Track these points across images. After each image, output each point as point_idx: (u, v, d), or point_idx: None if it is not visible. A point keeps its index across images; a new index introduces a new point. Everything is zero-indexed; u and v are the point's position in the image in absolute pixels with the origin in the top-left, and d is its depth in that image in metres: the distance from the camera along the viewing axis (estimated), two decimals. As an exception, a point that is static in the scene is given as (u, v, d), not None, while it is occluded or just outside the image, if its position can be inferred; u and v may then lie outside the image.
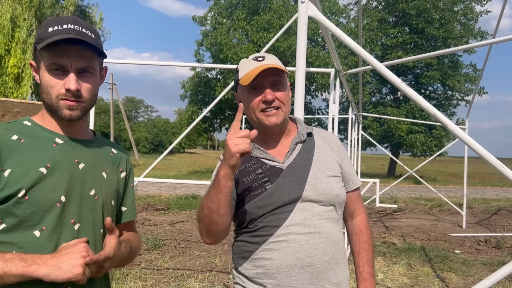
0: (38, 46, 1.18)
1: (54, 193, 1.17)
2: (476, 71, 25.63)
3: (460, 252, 6.96)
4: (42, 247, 1.15)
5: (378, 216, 10.88)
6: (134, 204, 1.50)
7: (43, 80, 1.21)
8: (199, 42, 23.88)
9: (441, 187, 19.38)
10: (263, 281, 1.47)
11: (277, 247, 1.44)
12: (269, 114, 1.46)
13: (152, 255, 6.01)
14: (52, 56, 1.18)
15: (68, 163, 1.22)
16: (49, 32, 1.18)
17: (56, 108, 1.21)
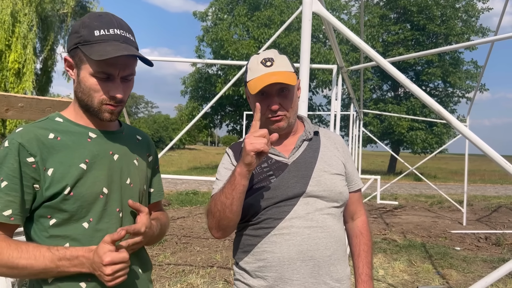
0: (87, 51, 1.19)
1: (96, 186, 1.24)
2: (477, 68, 25.58)
3: (461, 249, 6.97)
4: (92, 237, 1.23)
5: (379, 212, 10.89)
6: (161, 184, 1.57)
7: (87, 82, 1.23)
8: (200, 38, 23.85)
9: (441, 184, 19.39)
10: (264, 274, 1.47)
11: (279, 240, 1.45)
12: (274, 119, 1.50)
13: (153, 250, 6.02)
14: (101, 65, 1.21)
15: (104, 156, 1.28)
16: (96, 36, 1.20)
17: (97, 111, 1.26)
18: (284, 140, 1.58)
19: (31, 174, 1.17)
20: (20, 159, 1.16)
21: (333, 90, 4.01)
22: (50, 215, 1.20)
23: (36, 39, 20.41)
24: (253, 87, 1.46)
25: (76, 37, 1.22)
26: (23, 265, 1.13)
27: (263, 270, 1.48)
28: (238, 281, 1.57)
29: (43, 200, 1.19)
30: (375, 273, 5.40)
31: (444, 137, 24.76)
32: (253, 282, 1.50)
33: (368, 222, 1.70)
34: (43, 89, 23.19)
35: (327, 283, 1.47)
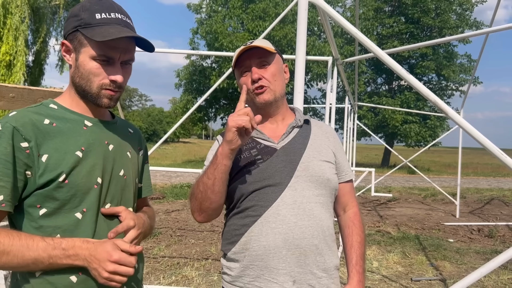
0: (88, 33, 1.17)
1: (91, 176, 1.21)
2: (471, 61, 25.68)
3: (454, 241, 7.02)
4: (85, 228, 1.19)
5: (373, 205, 10.94)
6: (150, 180, 1.54)
7: (86, 66, 1.20)
8: (194, 30, 23.68)
9: (434, 177, 19.51)
10: (251, 263, 1.44)
11: (265, 228, 1.42)
12: (259, 92, 1.49)
13: (148, 243, 6.01)
14: (102, 48, 1.19)
15: (99, 145, 1.25)
16: (98, 19, 1.19)
17: (96, 96, 1.23)
18: (275, 127, 1.57)
19: (24, 160, 1.13)
20: (14, 144, 1.12)
21: (328, 82, 3.99)
22: (40, 205, 1.16)
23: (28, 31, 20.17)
24: (234, 62, 1.51)
25: (76, 20, 1.20)
26: (14, 253, 1.07)
27: (249, 260, 1.45)
28: (225, 275, 1.54)
29: (35, 188, 1.15)
30: (369, 265, 5.43)
31: (438, 130, 24.88)
32: (239, 273, 1.47)
33: (360, 214, 1.67)
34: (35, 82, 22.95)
35: (314, 273, 1.45)
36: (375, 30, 25.30)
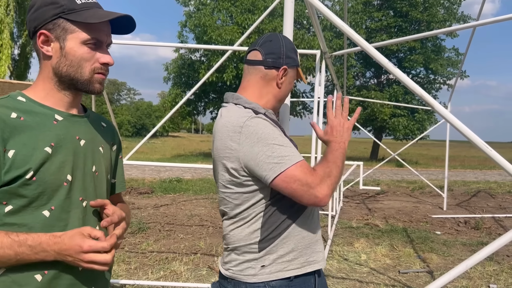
0: (77, 18, 1.15)
1: (61, 173, 1.16)
2: (458, 55, 25.90)
3: (441, 233, 7.10)
4: (52, 227, 1.14)
5: (361, 198, 11.02)
6: (124, 175, 1.50)
7: (77, 52, 1.17)
8: (182, 23, 23.49)
9: (422, 170, 19.70)
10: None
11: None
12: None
13: (136, 238, 5.97)
14: (92, 31, 1.17)
15: (70, 141, 1.20)
16: (79, 4, 1.17)
17: (87, 82, 1.20)
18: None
19: None
20: None
21: (316, 75, 3.98)
22: (6, 201, 1.10)
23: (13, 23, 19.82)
24: (303, 77, 1.71)
25: (55, 8, 1.15)
26: None
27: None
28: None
29: (1, 185, 1.09)
30: (357, 258, 5.47)
31: (426, 124, 25.10)
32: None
33: None
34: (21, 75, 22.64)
35: None
36: (363, 23, 25.36)
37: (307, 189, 1.40)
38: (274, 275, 1.48)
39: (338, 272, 4.89)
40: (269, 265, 1.48)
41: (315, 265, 1.54)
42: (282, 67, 1.59)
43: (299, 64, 1.66)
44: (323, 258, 1.60)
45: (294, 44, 1.68)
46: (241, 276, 1.50)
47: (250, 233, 1.50)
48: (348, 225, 7.41)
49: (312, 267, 1.53)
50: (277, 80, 1.60)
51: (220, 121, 1.54)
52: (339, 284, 4.50)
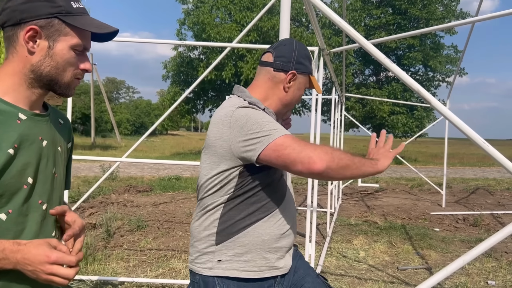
0: (76, 23, 1.14)
1: (22, 175, 1.11)
2: (457, 52, 25.90)
3: (439, 230, 7.11)
4: (8, 230, 1.09)
5: (360, 195, 11.03)
6: (71, 174, 1.46)
7: (65, 56, 1.15)
8: (181, 21, 23.44)
9: (421, 168, 19.73)
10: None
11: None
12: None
13: (135, 236, 5.98)
14: (83, 38, 1.18)
15: (33, 142, 1.15)
16: (75, 8, 1.16)
17: (66, 86, 1.19)
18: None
19: None
20: None
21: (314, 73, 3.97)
22: None
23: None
24: (317, 87, 1.73)
25: (52, 7, 1.12)
26: None
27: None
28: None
29: None
30: (356, 255, 5.48)
31: (425, 121, 25.10)
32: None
33: None
34: None
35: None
36: (362, 21, 25.33)
37: (300, 150, 1.36)
38: (229, 272, 1.47)
39: (336, 269, 4.90)
40: (225, 261, 1.48)
41: (274, 271, 1.52)
42: (290, 71, 1.59)
43: (311, 72, 1.66)
44: (285, 265, 1.56)
45: (309, 52, 1.67)
46: (198, 267, 1.52)
47: (209, 223, 1.51)
48: (347, 222, 7.42)
49: (271, 272, 1.51)
50: (284, 83, 1.60)
51: (218, 109, 1.57)
52: (337, 281, 4.50)
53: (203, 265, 1.51)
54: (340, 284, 4.40)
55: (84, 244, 4.69)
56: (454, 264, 1.78)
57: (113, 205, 8.11)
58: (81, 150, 23.12)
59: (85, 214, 7.11)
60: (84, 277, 4.14)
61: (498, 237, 1.72)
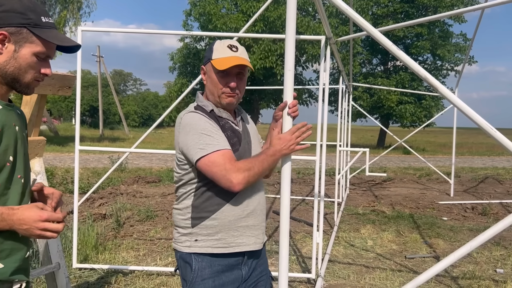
0: (43, 34, 1.34)
1: (5, 154, 1.34)
2: (466, 41, 25.58)
3: (448, 219, 7.10)
4: None
5: (368, 185, 11.02)
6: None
7: (27, 60, 1.35)
8: (187, 12, 23.37)
9: (429, 157, 19.62)
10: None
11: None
12: (229, 96, 1.81)
13: (144, 226, 6.04)
14: (47, 48, 1.37)
15: (10, 127, 1.37)
16: (44, 22, 1.37)
17: (26, 85, 1.39)
18: (232, 118, 1.90)
19: None
20: None
21: (321, 62, 3.96)
22: None
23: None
24: (220, 64, 1.76)
25: (23, 18, 1.32)
26: None
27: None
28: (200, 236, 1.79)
29: None
30: (363, 244, 5.50)
31: (433, 111, 24.92)
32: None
33: None
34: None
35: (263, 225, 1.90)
36: (370, 9, 25.08)
37: (224, 173, 1.64)
38: (204, 249, 1.75)
39: (344, 258, 4.93)
40: (201, 240, 1.76)
41: (243, 247, 1.78)
42: (201, 67, 1.90)
43: (210, 57, 1.82)
44: (254, 242, 1.82)
45: (214, 43, 1.86)
46: (179, 246, 1.80)
47: (185, 209, 1.80)
48: (354, 211, 7.43)
49: (240, 248, 1.77)
50: (203, 78, 1.90)
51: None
52: (345, 269, 4.53)
53: (183, 244, 1.79)
54: (347, 272, 4.43)
55: (94, 234, 4.78)
56: (461, 249, 1.80)
57: (122, 195, 8.19)
58: (90, 142, 23.27)
59: (95, 205, 7.20)
60: (95, 265, 4.21)
61: (506, 222, 1.73)
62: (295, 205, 7.96)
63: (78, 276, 4.01)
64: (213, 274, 1.74)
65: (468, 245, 1.79)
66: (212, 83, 1.83)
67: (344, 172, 8.23)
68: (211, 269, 1.74)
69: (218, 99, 1.82)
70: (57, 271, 2.22)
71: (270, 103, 25.95)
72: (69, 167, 12.19)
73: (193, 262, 1.75)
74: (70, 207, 6.41)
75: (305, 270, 4.47)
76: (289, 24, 1.94)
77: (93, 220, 5.96)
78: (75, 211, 4.26)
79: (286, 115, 1.88)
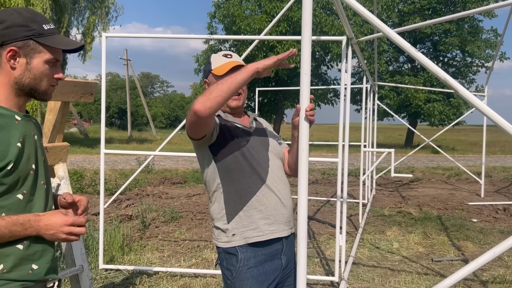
0: (48, 42, 1.41)
1: (29, 163, 1.42)
2: (497, 36, 24.78)
3: (478, 220, 6.90)
4: (24, 207, 1.40)
5: (395, 186, 10.83)
6: None
7: (41, 69, 1.43)
8: (211, 14, 23.55)
9: (460, 156, 19.11)
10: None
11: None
12: (235, 99, 1.97)
13: (169, 227, 6.13)
14: (55, 53, 1.45)
15: (30, 137, 1.45)
16: (46, 30, 1.43)
17: (44, 93, 1.48)
18: (241, 120, 2.04)
19: None
20: None
21: (342, 62, 3.91)
22: None
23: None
24: (219, 70, 1.93)
25: (27, 30, 1.39)
26: None
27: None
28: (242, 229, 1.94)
29: None
30: (389, 246, 5.40)
31: (462, 109, 24.27)
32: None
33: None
34: (58, 71, 23.41)
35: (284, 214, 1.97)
36: (396, 7, 24.62)
37: (189, 108, 1.77)
38: (243, 241, 1.88)
39: (369, 260, 4.86)
40: (239, 233, 1.89)
41: (276, 234, 1.92)
42: (204, 82, 2.05)
43: (210, 69, 1.98)
44: (284, 229, 1.95)
45: (210, 57, 2.05)
46: (219, 242, 1.93)
47: (219, 209, 1.92)
48: (380, 213, 7.31)
49: (274, 235, 1.91)
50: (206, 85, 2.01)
51: None
52: (370, 272, 4.47)
53: (223, 240, 1.92)
54: (372, 275, 4.37)
55: (120, 235, 4.88)
56: (485, 256, 1.74)
57: (149, 197, 8.33)
58: (118, 144, 23.78)
59: (122, 206, 7.35)
60: (121, 266, 4.29)
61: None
62: (319, 207, 7.90)
63: (104, 277, 4.10)
64: (258, 263, 1.88)
65: (492, 252, 1.74)
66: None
67: (369, 173, 8.11)
68: (256, 259, 1.88)
69: (226, 104, 1.95)
70: (80, 273, 2.28)
71: (294, 102, 25.83)
72: (98, 168, 12.47)
73: (238, 252, 1.88)
74: (98, 209, 6.59)
75: (328, 273, 4.43)
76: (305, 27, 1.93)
77: (119, 221, 6.09)
78: (101, 213, 4.36)
79: (302, 119, 1.88)
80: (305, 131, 1.90)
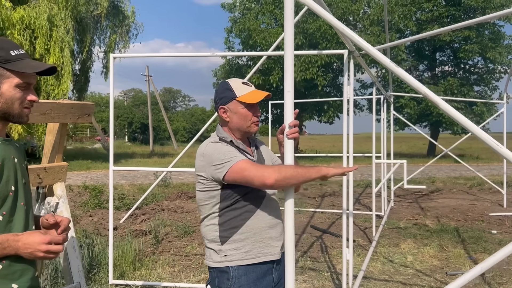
0: (14, 67, 1.46)
1: (8, 185, 1.47)
2: (520, 41, 24.26)
3: (497, 232, 6.70)
4: (5, 228, 1.45)
5: (414, 197, 10.64)
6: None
7: (11, 93, 1.48)
8: (228, 29, 23.90)
9: (483, 165, 18.64)
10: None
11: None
12: (256, 124, 2.06)
13: (182, 241, 6.17)
14: (24, 77, 1.50)
15: (10, 159, 1.50)
16: (13, 55, 1.48)
17: (18, 115, 1.52)
18: (246, 145, 2.10)
19: None
20: None
21: (344, 75, 3.92)
22: None
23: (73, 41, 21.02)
24: (250, 98, 1.99)
25: None
26: None
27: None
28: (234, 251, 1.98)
29: None
30: (403, 259, 5.30)
31: (485, 117, 23.71)
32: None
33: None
34: (82, 89, 24.03)
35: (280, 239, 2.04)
36: (413, 15, 24.42)
37: (255, 172, 1.80)
38: (235, 263, 1.92)
39: (381, 274, 4.78)
40: (230, 255, 1.93)
41: (269, 256, 1.96)
42: (220, 107, 2.04)
43: (234, 96, 2.00)
44: (278, 252, 2.00)
45: (228, 84, 2.05)
46: (211, 262, 1.98)
47: (213, 230, 1.97)
48: (396, 225, 7.19)
49: (267, 257, 1.96)
50: (224, 117, 2.03)
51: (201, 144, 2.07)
52: (381, 286, 4.39)
53: (214, 259, 1.96)
54: (382, 289, 4.29)
55: (132, 250, 4.94)
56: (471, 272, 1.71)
57: (164, 211, 8.42)
58: (140, 159, 24.15)
59: (137, 221, 7.45)
60: (130, 282, 4.35)
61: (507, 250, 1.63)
62: (334, 219, 7.83)
63: (114, 292, 4.17)
64: (249, 281, 1.92)
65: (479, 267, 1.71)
66: (240, 117, 2.01)
67: (382, 185, 7.99)
68: (247, 277, 1.92)
69: (247, 129, 2.03)
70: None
71: (312, 114, 25.79)
72: (117, 183, 12.70)
73: (230, 271, 1.92)
74: (115, 224, 6.71)
75: (338, 287, 4.37)
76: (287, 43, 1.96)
77: (133, 236, 6.17)
78: (110, 229, 4.45)
79: (285, 137, 1.90)
80: (289, 148, 1.92)
